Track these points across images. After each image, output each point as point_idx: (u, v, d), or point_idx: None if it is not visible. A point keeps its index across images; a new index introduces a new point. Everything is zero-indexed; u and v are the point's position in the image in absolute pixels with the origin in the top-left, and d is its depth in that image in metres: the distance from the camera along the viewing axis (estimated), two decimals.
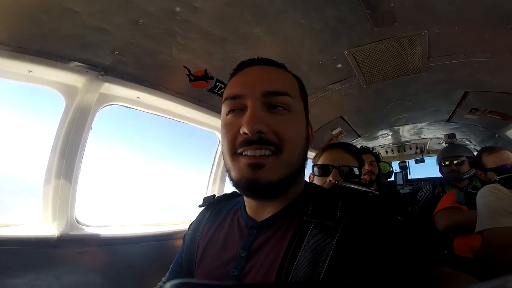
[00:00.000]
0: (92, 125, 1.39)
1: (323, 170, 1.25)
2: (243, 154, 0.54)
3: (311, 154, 1.69)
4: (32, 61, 1.09)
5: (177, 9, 1.13)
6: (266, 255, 0.54)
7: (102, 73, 1.23)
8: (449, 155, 2.32)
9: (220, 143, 0.62)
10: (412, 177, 4.15)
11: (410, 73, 1.87)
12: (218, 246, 0.64)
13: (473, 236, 1.30)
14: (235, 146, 0.55)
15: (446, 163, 2.31)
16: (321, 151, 1.35)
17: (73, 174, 1.32)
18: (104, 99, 1.39)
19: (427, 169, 4.06)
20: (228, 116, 0.59)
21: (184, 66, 1.47)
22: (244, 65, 0.65)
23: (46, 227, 1.26)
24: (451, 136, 2.77)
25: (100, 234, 1.42)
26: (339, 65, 1.78)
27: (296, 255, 0.50)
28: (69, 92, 1.26)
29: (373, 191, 1.10)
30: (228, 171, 0.59)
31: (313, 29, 1.43)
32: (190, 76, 1.54)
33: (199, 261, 0.65)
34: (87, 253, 1.35)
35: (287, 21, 1.36)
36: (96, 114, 1.39)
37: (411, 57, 1.68)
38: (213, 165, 2.15)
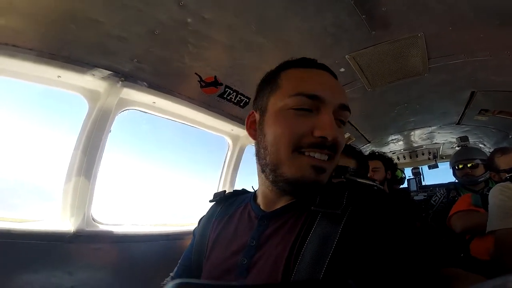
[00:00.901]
0: (112, 128, 1.53)
1: None
2: (307, 154, 0.56)
3: None
4: (61, 67, 1.22)
5: (189, 20, 1.25)
6: (276, 245, 0.55)
7: (122, 79, 1.36)
8: (462, 158, 2.29)
9: (263, 136, 0.62)
10: (426, 184, 4.05)
11: (412, 75, 1.91)
12: (227, 238, 0.65)
13: (489, 238, 1.28)
14: (299, 144, 0.56)
15: (460, 166, 2.28)
16: None
17: (93, 173, 1.42)
18: (123, 104, 1.52)
19: (441, 175, 3.97)
20: (292, 111, 0.58)
21: (196, 73, 1.59)
22: (310, 64, 0.64)
23: (64, 223, 1.35)
24: (463, 139, 2.74)
25: (113, 232, 1.50)
26: (342, 69, 1.85)
27: (303, 244, 0.51)
28: (92, 96, 1.40)
29: (378, 185, 1.13)
30: (275, 165, 0.58)
31: (313, 35, 1.51)
32: (201, 83, 1.66)
33: (208, 254, 0.67)
34: (101, 250, 1.43)
35: (288, 28, 1.45)
36: (116, 118, 1.53)
37: (411, 59, 1.73)
38: (223, 168, 2.23)
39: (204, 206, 0.84)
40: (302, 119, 0.57)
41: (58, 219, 1.36)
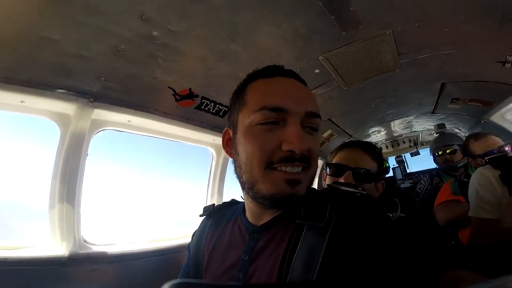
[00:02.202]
0: (89, 151, 1.46)
1: (337, 170, 1.15)
2: (279, 169, 0.56)
3: None
4: (22, 91, 1.15)
5: (154, 33, 1.21)
6: (268, 257, 0.58)
7: (92, 99, 1.31)
8: (441, 144, 2.37)
9: (235, 153, 0.63)
10: (411, 171, 4.16)
11: (385, 71, 1.95)
12: (222, 252, 0.67)
13: None
14: (270, 160, 0.56)
15: (440, 153, 2.36)
16: (337, 148, 1.27)
17: (75, 199, 1.38)
18: (97, 125, 1.46)
19: (424, 161, 4.09)
20: (259, 127, 0.57)
21: (169, 87, 1.55)
22: (275, 72, 0.63)
23: (56, 247, 1.32)
24: (441, 126, 2.83)
25: (107, 252, 1.48)
26: (317, 71, 1.86)
27: (293, 255, 0.53)
28: (62, 120, 1.33)
29: (361, 191, 1.12)
30: (251, 183, 0.59)
31: (286, 39, 1.51)
32: (176, 96, 1.62)
33: (205, 268, 0.69)
34: (98, 271, 1.41)
35: (260, 34, 1.44)
36: (91, 140, 1.47)
37: (382, 56, 1.76)
38: (209, 179, 2.20)
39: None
40: (269, 134, 0.57)
41: (50, 244, 1.33)
